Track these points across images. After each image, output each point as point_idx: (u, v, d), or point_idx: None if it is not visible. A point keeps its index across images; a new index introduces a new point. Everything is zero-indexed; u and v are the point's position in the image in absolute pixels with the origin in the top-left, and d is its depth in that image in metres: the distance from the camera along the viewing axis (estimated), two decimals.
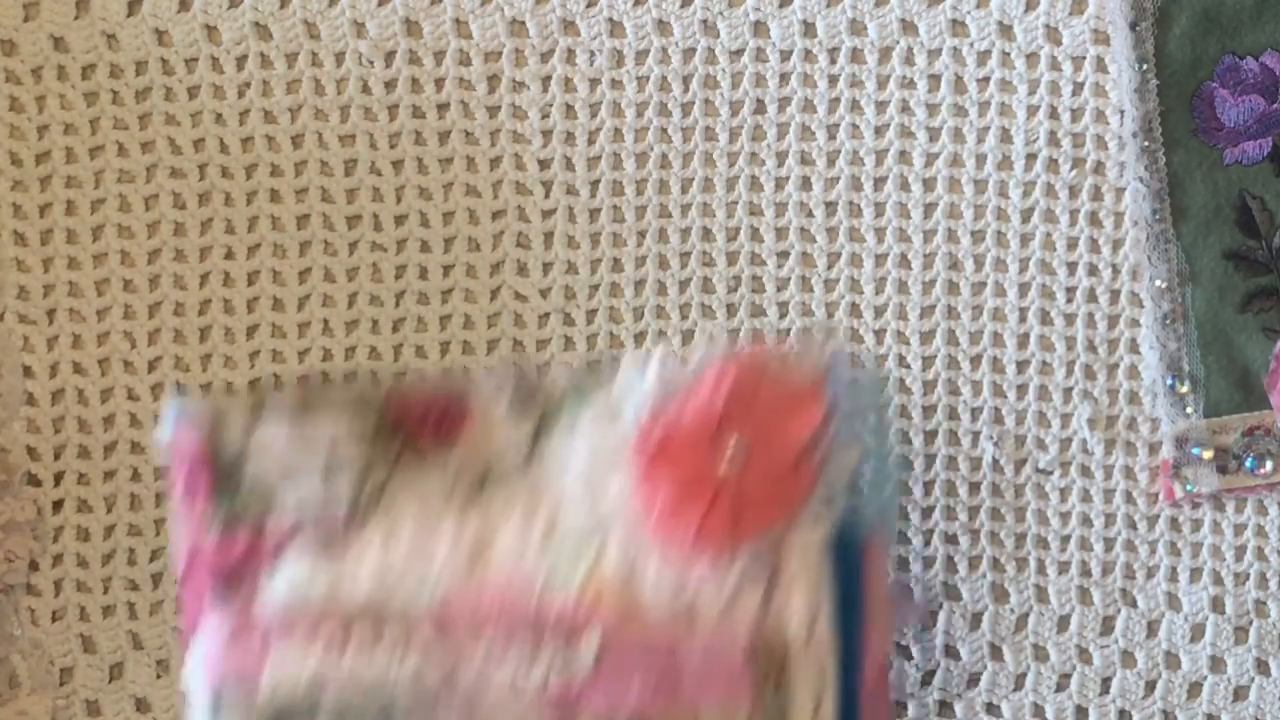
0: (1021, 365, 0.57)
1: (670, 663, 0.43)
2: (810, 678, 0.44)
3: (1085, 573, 0.57)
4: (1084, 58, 0.56)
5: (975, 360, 0.57)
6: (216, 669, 0.44)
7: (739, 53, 0.57)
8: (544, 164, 0.57)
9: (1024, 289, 0.57)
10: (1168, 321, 0.56)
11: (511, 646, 0.43)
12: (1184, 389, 0.56)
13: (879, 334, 0.57)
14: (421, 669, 0.43)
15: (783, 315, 0.57)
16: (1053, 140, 0.56)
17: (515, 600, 0.44)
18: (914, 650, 0.57)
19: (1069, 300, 0.57)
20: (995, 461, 0.57)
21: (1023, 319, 0.57)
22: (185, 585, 0.46)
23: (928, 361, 0.57)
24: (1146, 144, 0.55)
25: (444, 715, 0.43)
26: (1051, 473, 0.57)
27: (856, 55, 0.57)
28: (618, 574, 0.44)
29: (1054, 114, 0.56)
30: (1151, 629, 0.57)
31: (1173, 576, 0.57)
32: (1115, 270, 0.57)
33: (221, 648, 0.44)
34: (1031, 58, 0.56)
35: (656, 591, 0.43)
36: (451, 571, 0.44)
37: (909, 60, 0.57)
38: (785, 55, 0.57)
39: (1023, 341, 0.57)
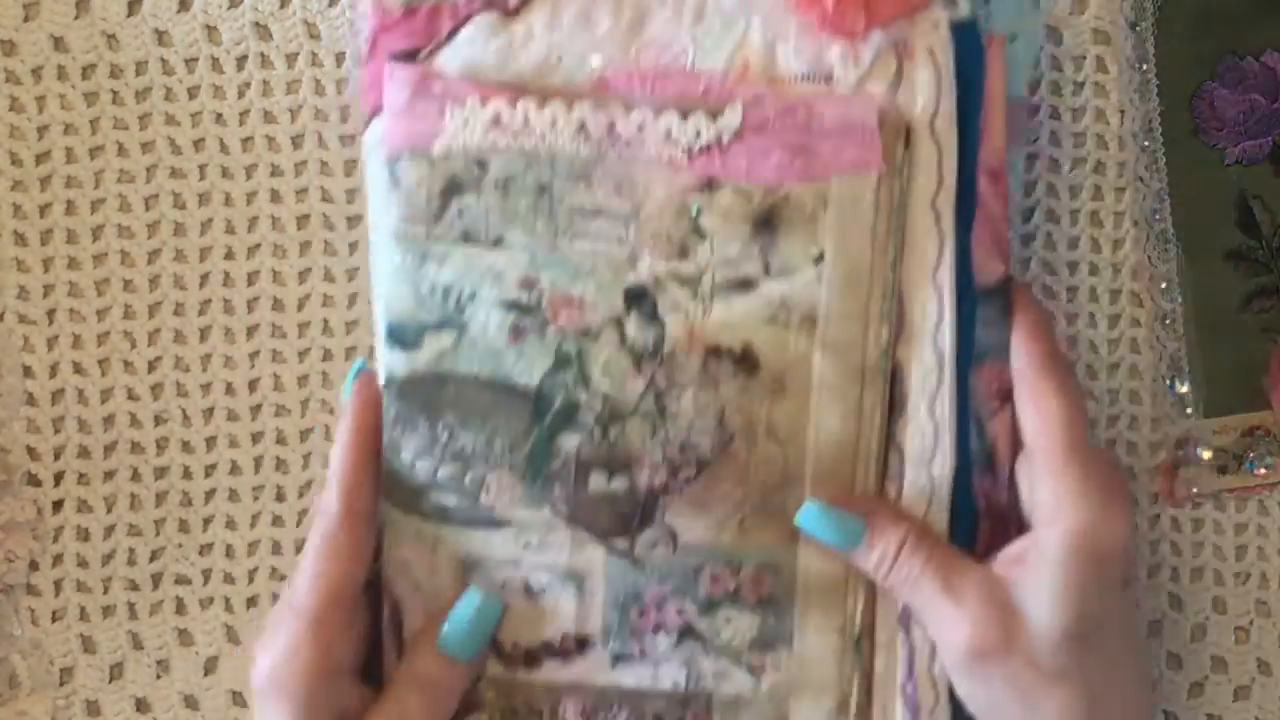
0: None
1: (807, 128, 0.47)
2: (933, 158, 0.48)
3: None
4: (1084, 58, 0.56)
5: None
6: (396, 136, 0.48)
7: None
8: None
9: None
10: (1168, 321, 0.56)
11: (664, 112, 0.47)
12: (1184, 389, 0.56)
13: None
14: (581, 131, 0.47)
15: None
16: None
17: (668, 71, 0.48)
18: None
19: (1069, 300, 0.57)
20: None
21: None
22: (369, 64, 0.49)
23: None
24: (1146, 144, 0.55)
25: (599, 182, 0.47)
26: None
27: None
28: (761, 50, 0.48)
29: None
30: (1153, 629, 0.57)
31: (1174, 576, 0.57)
32: (1115, 270, 0.57)
33: (401, 113, 0.48)
34: None
35: (796, 66, 0.48)
36: (610, 45, 0.48)
37: None
38: None
39: None
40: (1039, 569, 0.46)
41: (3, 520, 0.55)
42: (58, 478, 0.56)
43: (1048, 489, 0.46)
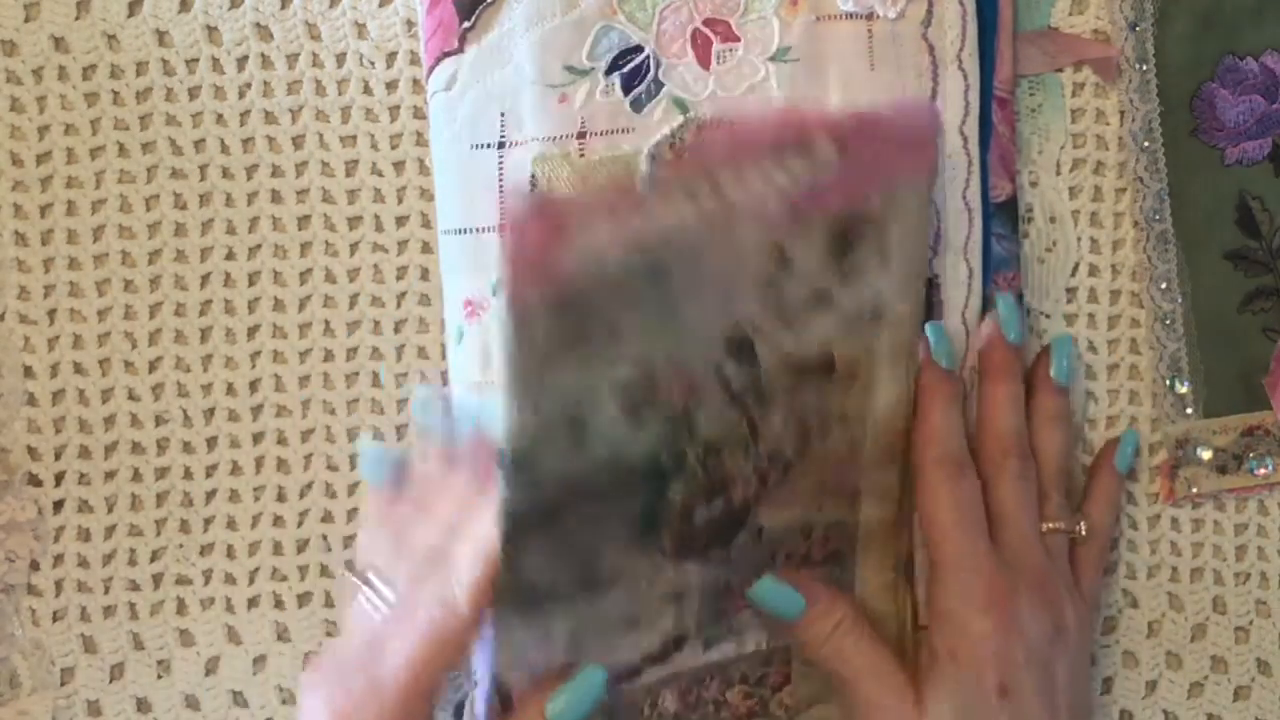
0: None
1: (878, 139, 0.47)
2: (960, 88, 0.52)
3: None
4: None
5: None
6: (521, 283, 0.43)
7: None
8: None
9: None
10: (1168, 321, 0.56)
11: (759, 163, 0.45)
12: (1184, 389, 0.56)
13: None
14: (694, 211, 0.44)
15: None
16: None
17: (718, 18, 0.50)
18: None
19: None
20: None
21: None
22: (430, 13, 0.52)
23: None
24: (1146, 144, 0.55)
25: (707, 251, 0.45)
26: None
27: None
28: None
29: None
30: (1153, 629, 0.57)
31: (1174, 576, 0.57)
32: (1115, 270, 0.57)
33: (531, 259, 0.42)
34: None
35: (843, 5, 0.50)
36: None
37: None
38: None
39: None
40: (924, 672, 0.49)
41: (3, 520, 0.55)
42: (59, 478, 0.56)
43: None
